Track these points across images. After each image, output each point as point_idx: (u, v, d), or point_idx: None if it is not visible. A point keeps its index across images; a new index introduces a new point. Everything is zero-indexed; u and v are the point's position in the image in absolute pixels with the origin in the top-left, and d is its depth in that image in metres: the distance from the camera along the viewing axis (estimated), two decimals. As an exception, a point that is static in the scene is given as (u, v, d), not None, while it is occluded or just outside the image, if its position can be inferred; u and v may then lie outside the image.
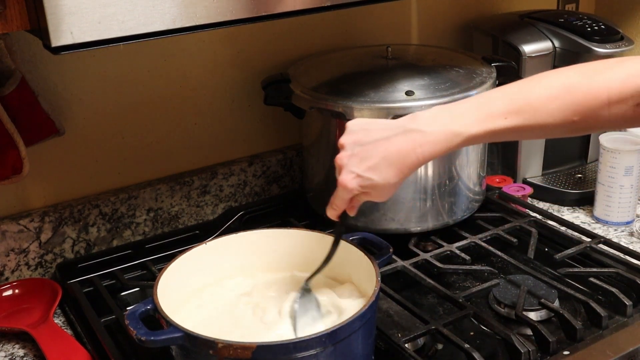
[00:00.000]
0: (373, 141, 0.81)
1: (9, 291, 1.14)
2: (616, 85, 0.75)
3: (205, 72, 1.30)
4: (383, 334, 0.95)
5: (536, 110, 0.77)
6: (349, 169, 0.82)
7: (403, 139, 0.80)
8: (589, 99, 0.76)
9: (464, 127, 0.78)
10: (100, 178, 1.25)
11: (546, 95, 0.77)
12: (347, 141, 0.83)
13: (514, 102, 0.78)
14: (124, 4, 0.77)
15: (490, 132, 0.78)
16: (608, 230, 1.29)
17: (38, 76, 1.13)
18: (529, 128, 0.78)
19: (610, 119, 0.76)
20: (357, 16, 1.42)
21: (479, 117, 0.78)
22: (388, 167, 0.80)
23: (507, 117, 0.77)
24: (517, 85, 0.80)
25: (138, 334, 0.79)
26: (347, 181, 0.82)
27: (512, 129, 0.78)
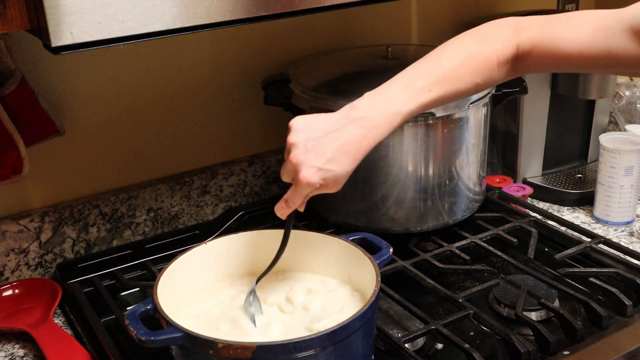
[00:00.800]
0: (325, 135, 0.85)
1: (9, 291, 1.14)
2: (499, 48, 0.90)
3: (205, 72, 1.30)
4: (383, 334, 0.95)
5: (451, 78, 0.89)
6: (309, 164, 0.84)
7: (352, 128, 0.85)
8: (485, 63, 0.90)
9: (400, 106, 0.87)
10: (100, 178, 1.25)
11: (455, 65, 0.90)
12: (297, 139, 0.85)
13: (433, 76, 0.89)
14: (124, 4, 0.77)
15: (421, 105, 0.88)
16: (608, 230, 1.29)
17: (38, 76, 1.14)
18: (448, 96, 0.90)
19: (500, 76, 0.92)
20: (357, 16, 1.42)
21: (410, 94, 0.88)
22: (345, 156, 0.84)
23: (432, 90, 0.88)
24: (428, 60, 0.91)
25: (138, 334, 0.79)
26: (310, 177, 0.84)
27: (437, 99, 0.89)
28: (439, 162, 1.17)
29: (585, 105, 1.46)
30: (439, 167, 1.17)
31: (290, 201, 0.87)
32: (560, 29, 0.88)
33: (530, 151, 1.44)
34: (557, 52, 0.88)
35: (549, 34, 0.89)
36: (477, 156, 1.22)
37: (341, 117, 0.86)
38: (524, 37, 0.90)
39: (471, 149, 1.20)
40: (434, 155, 1.16)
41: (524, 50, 0.90)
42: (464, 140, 1.18)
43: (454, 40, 0.93)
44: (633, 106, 1.51)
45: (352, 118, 0.86)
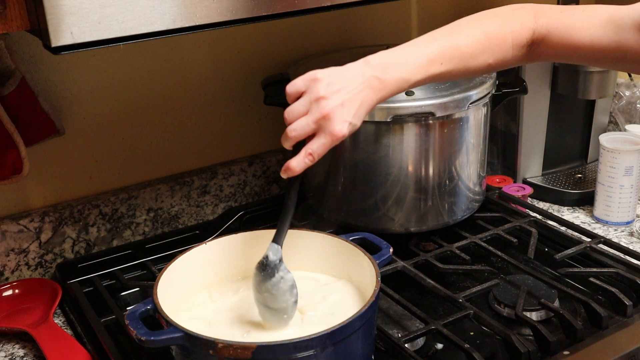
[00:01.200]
0: (353, 89, 0.87)
1: (9, 291, 1.14)
2: (517, 30, 0.91)
3: (205, 72, 1.30)
4: (383, 334, 0.95)
5: (464, 55, 0.90)
6: (343, 118, 0.85)
7: (368, 85, 0.88)
8: (500, 44, 0.91)
9: (410, 74, 0.89)
10: (100, 178, 1.25)
11: (470, 42, 0.91)
12: (328, 91, 0.85)
13: (446, 50, 0.90)
14: (123, 4, 0.77)
15: (430, 77, 0.90)
16: (608, 230, 1.29)
17: (38, 76, 1.14)
18: (458, 71, 0.91)
19: (514, 60, 0.93)
20: (357, 16, 1.42)
21: (421, 64, 0.89)
22: (363, 112, 0.87)
23: (443, 63, 0.90)
24: (444, 34, 0.92)
25: (138, 334, 0.79)
26: (344, 130, 0.85)
27: (446, 73, 0.90)
28: (439, 162, 1.17)
29: (585, 105, 1.46)
30: (439, 167, 1.17)
31: (316, 154, 0.86)
32: (575, 18, 0.90)
33: (530, 151, 1.44)
34: (570, 41, 0.89)
35: (564, 22, 0.90)
36: (477, 156, 1.22)
37: (359, 74, 0.88)
38: (541, 22, 0.91)
39: (471, 149, 1.20)
40: (434, 155, 1.16)
41: (539, 36, 0.91)
42: (464, 140, 1.18)
43: (472, 17, 0.94)
44: (633, 106, 1.51)
45: (367, 77, 0.87)
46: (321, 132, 0.85)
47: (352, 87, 0.86)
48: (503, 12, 0.94)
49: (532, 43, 0.92)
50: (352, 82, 0.87)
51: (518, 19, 0.92)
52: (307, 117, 0.86)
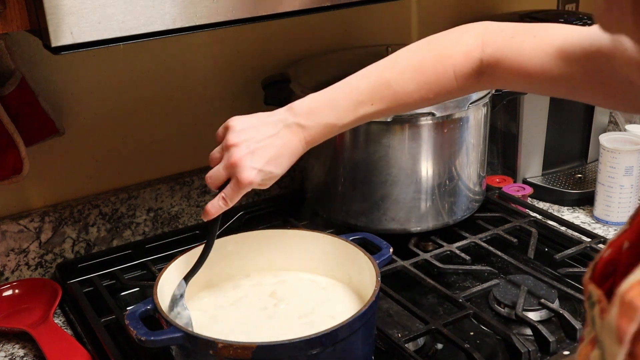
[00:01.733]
0: (266, 137, 0.87)
1: (9, 291, 1.14)
2: (459, 61, 0.84)
3: (205, 72, 1.30)
4: (383, 334, 0.95)
5: (397, 93, 0.86)
6: (250, 165, 0.85)
7: (289, 133, 0.87)
8: (439, 77, 0.85)
9: (337, 119, 0.87)
10: (100, 178, 1.25)
11: (403, 78, 0.86)
12: (239, 139, 0.86)
13: (376, 90, 0.86)
14: (123, 4, 0.77)
15: (360, 118, 0.87)
16: (608, 230, 1.29)
17: (38, 76, 1.13)
18: (392, 109, 0.87)
19: (459, 91, 0.86)
20: (357, 16, 1.42)
21: (349, 106, 0.87)
22: (282, 159, 0.87)
23: (374, 104, 0.86)
24: (376, 70, 0.88)
25: (138, 334, 0.79)
26: (252, 177, 0.85)
27: (378, 113, 0.87)
28: (439, 162, 1.17)
29: (585, 105, 1.46)
30: (439, 167, 1.17)
31: (229, 199, 0.88)
32: (526, 45, 0.81)
33: (530, 151, 1.44)
34: (521, 70, 0.81)
35: (514, 49, 0.82)
36: (477, 156, 1.22)
37: (279, 120, 0.87)
38: (489, 50, 0.83)
39: (471, 149, 1.20)
40: (434, 155, 1.16)
41: (488, 65, 0.84)
42: (464, 140, 1.18)
43: (412, 47, 0.89)
44: (633, 106, 1.51)
45: (288, 123, 0.87)
46: (232, 179, 0.87)
47: (267, 134, 0.87)
48: (448, 38, 0.88)
49: (481, 72, 0.84)
50: (268, 130, 0.87)
51: (462, 48, 0.85)
52: (219, 164, 0.88)
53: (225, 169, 0.87)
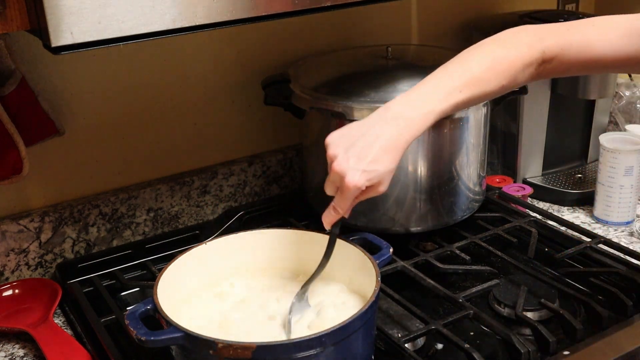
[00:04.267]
0: (361, 136, 0.88)
1: (9, 291, 1.14)
2: (525, 53, 0.93)
3: (205, 72, 1.30)
4: (383, 334, 0.95)
5: (480, 80, 0.92)
6: (352, 168, 0.86)
7: (388, 127, 0.88)
8: (510, 67, 0.93)
9: (433, 105, 0.90)
10: (100, 178, 1.25)
11: (483, 68, 0.93)
12: (336, 150, 0.88)
13: (462, 78, 0.92)
14: (123, 4, 0.77)
15: (453, 105, 0.91)
16: (608, 230, 1.29)
17: (38, 76, 1.13)
18: (477, 97, 0.93)
19: (524, 79, 0.95)
20: (357, 16, 1.42)
21: (442, 94, 0.91)
22: (385, 154, 0.87)
23: (462, 91, 0.91)
24: (457, 64, 0.94)
25: (138, 334, 0.79)
26: (356, 180, 0.86)
27: (467, 100, 0.92)
28: (439, 162, 1.17)
29: (585, 105, 1.46)
30: (439, 167, 1.17)
31: (339, 207, 0.90)
32: (590, 33, 0.93)
33: (530, 151, 1.44)
34: (590, 55, 0.92)
35: (578, 38, 0.93)
36: (477, 156, 1.22)
37: (375, 119, 0.90)
38: (549, 42, 0.93)
39: (471, 149, 1.20)
40: (434, 155, 1.16)
41: (550, 54, 0.93)
42: (464, 140, 1.18)
43: (477, 46, 0.96)
44: (633, 106, 1.51)
45: (386, 118, 0.89)
46: (339, 187, 0.89)
47: (361, 133, 0.88)
48: (505, 37, 0.96)
49: (543, 61, 0.94)
50: (361, 129, 0.89)
51: (522, 42, 0.94)
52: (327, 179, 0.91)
53: (331, 182, 0.90)
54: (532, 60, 0.94)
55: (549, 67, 0.95)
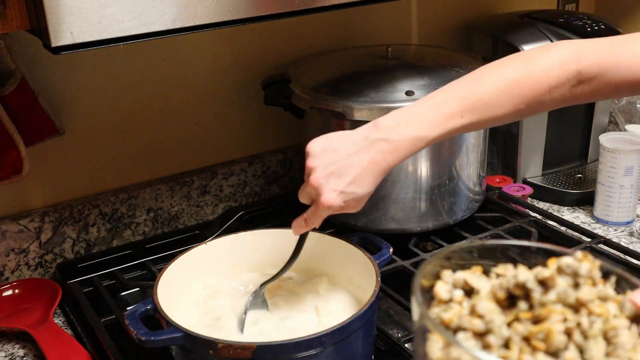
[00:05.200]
0: (345, 157, 0.84)
1: (9, 291, 1.14)
2: (555, 73, 0.83)
3: (205, 72, 1.30)
4: (383, 334, 0.95)
5: (488, 105, 0.84)
6: (330, 187, 0.83)
7: (372, 150, 0.83)
8: (533, 89, 0.83)
9: (425, 132, 0.83)
10: (100, 178, 1.25)
11: (495, 90, 0.83)
12: (316, 163, 0.84)
13: (467, 101, 0.83)
14: (123, 4, 0.77)
15: (449, 132, 0.84)
16: (608, 230, 1.29)
17: (38, 76, 1.14)
18: (483, 122, 0.85)
19: (551, 103, 0.85)
20: (357, 16, 1.42)
21: (438, 119, 0.83)
22: (365, 178, 0.83)
23: (464, 116, 0.83)
24: (466, 83, 0.86)
25: (138, 334, 0.79)
26: (332, 200, 0.83)
27: (468, 126, 0.84)
28: (439, 162, 1.17)
29: (585, 105, 1.46)
30: (439, 167, 1.17)
31: (310, 221, 0.88)
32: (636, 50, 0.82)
33: (530, 151, 1.44)
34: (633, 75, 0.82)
35: (626, 57, 0.83)
36: (477, 156, 1.22)
37: (361, 138, 0.84)
38: (587, 62, 0.84)
39: (471, 149, 1.20)
40: (434, 155, 1.16)
41: (588, 74, 0.84)
42: (464, 140, 1.18)
43: (499, 62, 0.87)
44: (633, 106, 1.51)
45: (372, 140, 0.83)
46: (314, 202, 0.86)
47: (346, 153, 0.84)
48: (534, 53, 0.87)
49: (578, 83, 0.84)
50: (347, 148, 0.84)
51: (556, 61, 0.84)
52: (303, 188, 0.87)
53: (306, 192, 0.86)
54: (564, 80, 0.84)
55: (587, 89, 0.84)
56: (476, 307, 0.48)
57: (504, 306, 0.49)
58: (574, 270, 0.49)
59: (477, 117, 0.84)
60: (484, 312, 0.47)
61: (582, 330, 0.46)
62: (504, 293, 0.49)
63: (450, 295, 0.50)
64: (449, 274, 0.51)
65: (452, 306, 0.50)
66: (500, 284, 0.50)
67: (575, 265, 0.50)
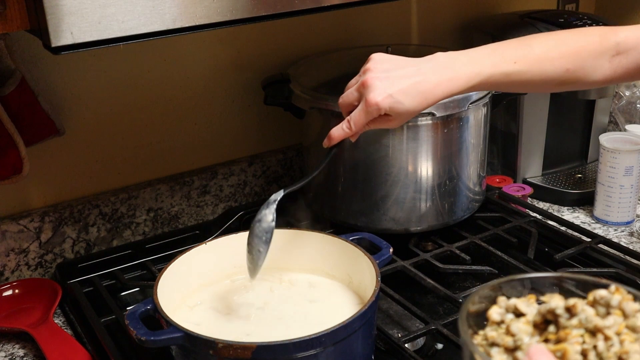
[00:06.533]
0: (403, 69, 0.88)
1: (9, 291, 1.14)
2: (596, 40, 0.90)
3: (205, 72, 1.30)
4: (383, 334, 0.95)
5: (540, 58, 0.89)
6: (382, 88, 0.86)
7: (431, 71, 0.88)
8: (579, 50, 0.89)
9: (482, 68, 0.88)
10: (100, 178, 1.25)
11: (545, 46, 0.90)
12: (375, 66, 0.88)
13: (519, 51, 0.90)
14: (124, 4, 0.77)
15: (504, 74, 0.89)
16: (608, 230, 1.29)
17: (38, 76, 1.14)
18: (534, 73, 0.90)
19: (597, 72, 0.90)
20: (357, 16, 1.42)
21: (494, 60, 0.89)
22: (417, 94, 0.87)
23: (517, 62, 0.89)
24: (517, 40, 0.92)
25: (138, 334, 0.79)
26: (380, 99, 0.86)
27: (520, 73, 0.89)
28: (439, 162, 1.17)
29: (585, 105, 1.46)
30: (439, 167, 1.17)
31: (353, 122, 0.89)
32: None
33: (530, 151, 1.44)
34: None
35: None
36: (477, 156, 1.22)
37: (423, 61, 0.89)
38: (625, 33, 0.90)
39: (471, 149, 1.20)
40: (434, 155, 1.16)
41: (626, 46, 0.89)
42: (464, 140, 1.18)
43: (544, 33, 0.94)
44: (633, 106, 1.51)
45: (433, 64, 0.88)
46: (361, 101, 0.88)
47: (407, 65, 0.88)
48: (573, 30, 0.94)
49: (617, 53, 0.90)
50: (409, 63, 0.88)
51: (596, 32, 0.91)
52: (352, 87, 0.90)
53: (357, 89, 0.88)
54: (604, 49, 0.89)
55: (624, 61, 0.90)
56: (510, 327, 0.56)
57: (542, 329, 0.56)
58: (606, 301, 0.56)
59: (529, 67, 0.89)
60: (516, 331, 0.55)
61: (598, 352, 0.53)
62: (540, 318, 0.56)
63: (501, 317, 0.57)
64: (503, 299, 0.59)
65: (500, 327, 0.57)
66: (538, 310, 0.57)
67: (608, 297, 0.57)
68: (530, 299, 0.59)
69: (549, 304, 0.56)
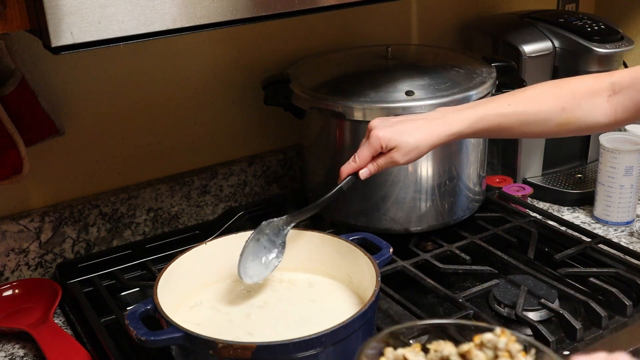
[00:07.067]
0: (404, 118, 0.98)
1: (9, 291, 1.14)
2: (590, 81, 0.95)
3: (205, 72, 1.30)
4: (383, 334, 0.95)
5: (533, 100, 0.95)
6: (386, 127, 0.95)
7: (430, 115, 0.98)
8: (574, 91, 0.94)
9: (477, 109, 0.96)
10: (100, 178, 1.25)
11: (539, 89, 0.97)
12: (377, 123, 0.97)
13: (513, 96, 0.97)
14: (123, 4, 0.77)
15: (498, 115, 0.95)
16: (608, 230, 1.29)
17: (38, 76, 1.14)
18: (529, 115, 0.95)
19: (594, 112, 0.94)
20: (357, 16, 1.42)
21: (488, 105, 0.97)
22: (417, 129, 0.95)
23: (511, 104, 0.96)
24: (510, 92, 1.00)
25: (138, 334, 0.79)
26: (382, 133, 0.95)
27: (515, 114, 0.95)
28: (439, 162, 1.17)
29: (585, 105, 1.46)
30: (439, 167, 1.17)
31: (358, 155, 0.96)
32: None
33: (530, 151, 1.44)
34: None
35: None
36: (477, 156, 1.22)
37: (419, 115, 0.99)
38: (619, 74, 0.94)
39: (471, 149, 1.20)
40: (434, 155, 1.16)
41: (620, 85, 0.93)
42: (464, 140, 1.18)
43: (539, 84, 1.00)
44: (633, 106, 1.51)
45: (432, 112, 0.99)
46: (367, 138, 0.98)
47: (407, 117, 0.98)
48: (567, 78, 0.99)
49: (613, 93, 0.93)
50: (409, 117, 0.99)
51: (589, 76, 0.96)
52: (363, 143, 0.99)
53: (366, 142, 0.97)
54: (599, 89, 0.93)
55: (622, 100, 0.93)
56: None
57: None
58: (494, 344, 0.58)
59: (523, 108, 0.95)
60: None
61: None
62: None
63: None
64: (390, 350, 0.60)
65: None
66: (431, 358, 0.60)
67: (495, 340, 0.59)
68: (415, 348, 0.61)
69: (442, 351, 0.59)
